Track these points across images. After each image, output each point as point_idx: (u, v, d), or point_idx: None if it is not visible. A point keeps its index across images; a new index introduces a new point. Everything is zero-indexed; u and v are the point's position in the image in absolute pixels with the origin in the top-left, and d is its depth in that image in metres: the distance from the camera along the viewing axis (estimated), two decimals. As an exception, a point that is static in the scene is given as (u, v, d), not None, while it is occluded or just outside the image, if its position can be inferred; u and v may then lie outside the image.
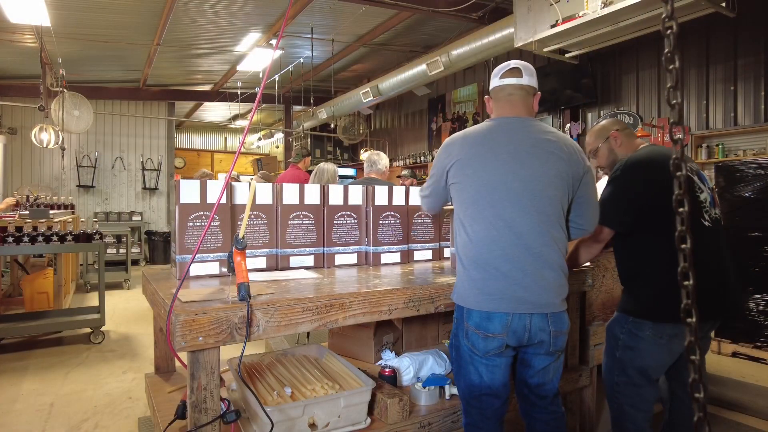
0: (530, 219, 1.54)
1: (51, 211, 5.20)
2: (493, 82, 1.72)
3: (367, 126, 10.65)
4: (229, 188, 1.94)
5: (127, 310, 5.39)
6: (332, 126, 9.60)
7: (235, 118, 12.37)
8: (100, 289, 4.13)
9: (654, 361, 1.79)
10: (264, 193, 2.03)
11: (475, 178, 1.59)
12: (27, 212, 4.84)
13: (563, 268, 1.59)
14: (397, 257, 2.32)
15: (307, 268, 2.10)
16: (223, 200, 1.89)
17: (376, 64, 8.75)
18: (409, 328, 2.49)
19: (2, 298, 4.79)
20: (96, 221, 8.81)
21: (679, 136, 0.71)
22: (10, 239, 3.74)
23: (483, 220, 1.57)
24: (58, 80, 5.93)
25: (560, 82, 6.47)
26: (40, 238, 3.86)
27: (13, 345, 4.01)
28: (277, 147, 13.71)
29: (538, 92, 1.71)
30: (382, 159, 3.90)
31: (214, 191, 1.88)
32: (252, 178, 7.21)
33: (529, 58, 5.73)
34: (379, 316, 1.68)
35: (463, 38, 6.22)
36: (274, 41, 6.70)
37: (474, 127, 1.69)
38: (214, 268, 1.88)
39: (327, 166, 4.19)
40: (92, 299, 5.45)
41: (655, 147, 1.92)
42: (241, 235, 1.40)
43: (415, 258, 2.40)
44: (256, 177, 6.05)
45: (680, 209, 0.71)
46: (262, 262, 2.03)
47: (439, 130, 9.18)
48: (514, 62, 1.70)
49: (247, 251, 1.51)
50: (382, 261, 2.27)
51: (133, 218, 9.37)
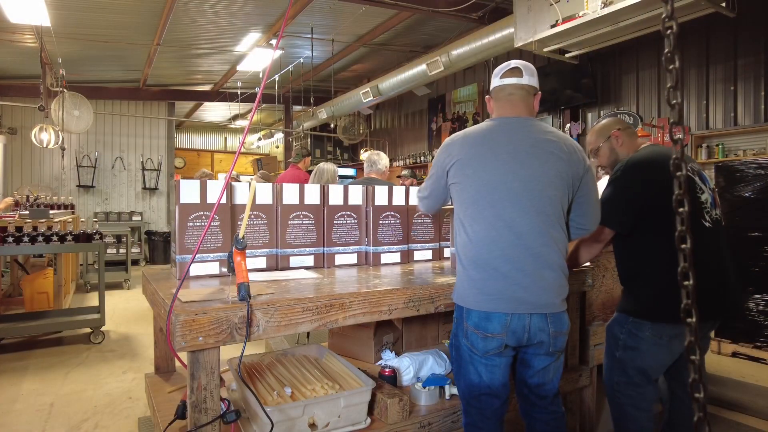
0: (530, 219, 1.54)
1: (51, 211, 5.20)
2: (494, 81, 1.72)
3: (367, 126, 10.66)
4: (229, 188, 1.94)
5: (127, 310, 5.39)
6: (332, 126, 9.60)
7: (235, 118, 12.37)
8: (100, 289, 4.14)
9: (654, 361, 1.79)
10: (264, 193, 2.03)
11: (475, 179, 1.59)
12: (27, 212, 4.84)
13: (563, 269, 1.59)
14: (397, 257, 2.32)
15: (307, 268, 2.10)
16: (223, 200, 1.90)
17: (376, 64, 8.75)
18: (409, 328, 2.49)
19: (2, 298, 4.79)
20: (96, 221, 8.81)
21: (679, 136, 0.71)
22: (10, 239, 3.75)
23: (483, 221, 1.57)
24: (58, 80, 5.93)
25: (560, 82, 6.47)
26: (40, 238, 3.86)
27: (13, 345, 4.01)
28: (277, 147, 13.71)
29: (539, 92, 1.71)
30: (382, 159, 3.90)
31: (214, 191, 1.88)
32: (252, 178, 7.22)
33: (529, 58, 5.73)
34: (379, 316, 1.68)
35: (463, 38, 6.22)
36: (274, 41, 6.70)
37: (474, 127, 1.69)
38: (214, 268, 1.88)
39: (327, 166, 4.19)
40: (92, 299, 5.45)
41: (657, 147, 1.91)
42: (241, 235, 1.40)
43: (415, 258, 2.40)
44: (256, 177, 6.06)
45: (680, 209, 0.71)
46: (262, 262, 2.03)
47: (439, 130, 9.18)
48: (514, 62, 1.70)
49: (247, 251, 1.51)
50: (382, 261, 2.27)
51: (133, 218, 9.38)
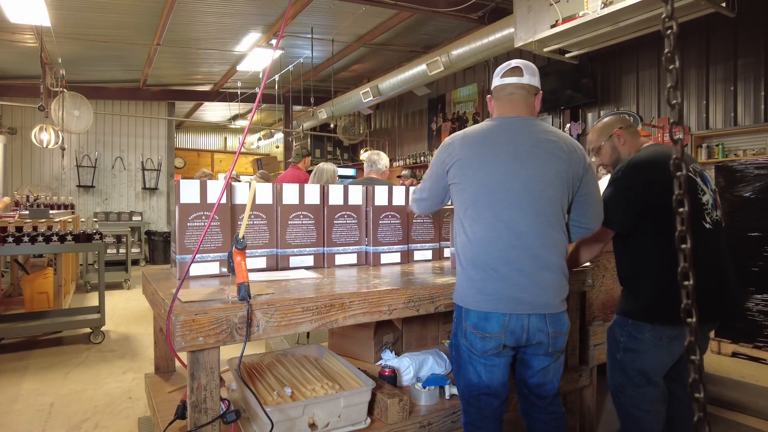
0: (529, 220, 1.54)
1: (51, 211, 5.20)
2: (495, 81, 1.71)
3: (367, 126, 10.65)
4: (229, 188, 1.94)
5: (127, 310, 5.39)
6: (332, 126, 9.59)
7: (235, 118, 12.37)
8: (100, 289, 4.13)
9: (654, 362, 1.79)
10: (264, 193, 2.03)
11: (475, 179, 1.59)
12: (27, 212, 4.84)
13: (563, 269, 1.59)
14: (397, 257, 2.32)
15: (307, 268, 2.10)
16: (223, 200, 1.89)
17: (376, 64, 8.75)
18: (409, 328, 2.49)
19: (2, 298, 4.79)
20: (96, 221, 8.81)
21: (679, 136, 0.71)
22: (10, 239, 3.74)
23: (482, 221, 1.57)
24: (58, 80, 5.93)
25: (560, 82, 6.47)
26: (40, 238, 3.86)
27: (13, 345, 4.01)
28: (277, 147, 13.71)
29: (540, 91, 1.70)
30: (382, 159, 3.90)
31: (214, 191, 1.88)
32: (252, 178, 7.22)
33: (529, 58, 5.72)
34: (379, 316, 1.68)
35: (463, 38, 6.22)
36: (274, 41, 6.70)
37: (474, 127, 1.68)
38: (214, 268, 1.88)
39: (326, 166, 4.18)
40: (92, 299, 5.45)
41: (658, 147, 1.89)
42: (241, 235, 1.40)
43: (415, 258, 2.40)
44: (255, 177, 6.06)
45: (680, 209, 0.71)
46: (262, 262, 2.03)
47: (439, 130, 9.18)
48: (515, 61, 1.70)
49: (247, 251, 1.51)
50: (382, 261, 2.27)
51: (133, 218, 9.37)
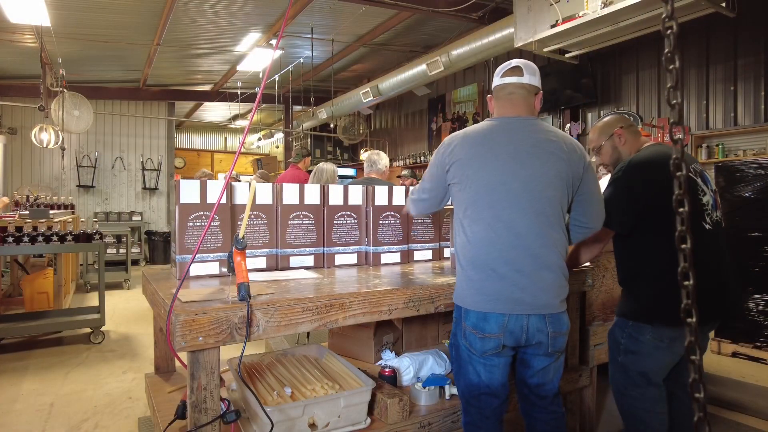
0: (529, 220, 1.53)
1: (51, 211, 5.20)
2: (495, 80, 1.71)
3: (367, 126, 10.65)
4: (229, 188, 1.94)
5: (127, 310, 5.39)
6: (332, 126, 9.59)
7: (235, 118, 12.37)
8: (100, 289, 4.13)
9: (655, 364, 1.78)
10: (264, 193, 2.03)
11: (475, 179, 1.58)
12: (27, 212, 4.84)
13: (562, 269, 1.59)
14: (397, 257, 2.32)
15: (307, 268, 2.10)
16: (223, 200, 1.89)
17: (376, 64, 8.75)
18: (409, 328, 2.49)
19: (2, 298, 4.79)
20: (96, 221, 8.81)
21: (679, 136, 0.71)
22: (10, 239, 3.74)
23: (481, 221, 1.56)
24: (58, 80, 5.93)
25: (560, 82, 6.47)
26: (40, 238, 3.86)
27: (13, 345, 4.01)
28: (277, 147, 13.71)
29: (541, 91, 1.69)
30: (382, 159, 3.90)
31: (214, 191, 1.88)
32: (252, 178, 7.22)
33: (529, 58, 5.70)
34: (379, 316, 1.68)
35: (463, 38, 6.22)
36: (274, 41, 6.70)
37: (474, 127, 1.68)
38: (214, 268, 1.88)
39: (326, 166, 4.18)
40: (92, 299, 5.45)
41: (659, 147, 1.88)
42: (241, 235, 1.40)
43: (415, 258, 2.40)
44: (255, 176, 6.07)
45: (680, 209, 0.71)
46: (262, 262, 2.03)
47: (439, 130, 9.18)
48: (516, 61, 1.69)
49: (247, 251, 1.51)
50: (382, 261, 2.27)
51: (133, 218, 9.37)
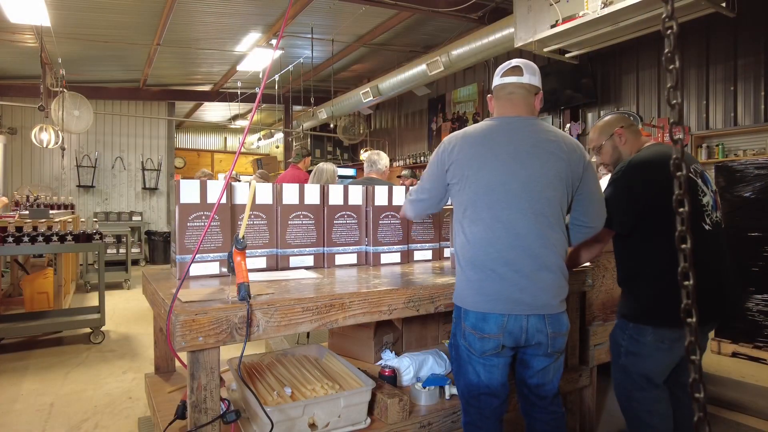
0: (528, 220, 1.53)
1: (51, 211, 5.20)
2: (495, 80, 1.71)
3: (367, 126, 10.65)
4: (229, 188, 1.94)
5: (127, 310, 5.39)
6: (332, 126, 9.59)
7: (235, 118, 12.37)
8: (100, 289, 4.13)
9: (657, 365, 1.78)
10: (264, 193, 2.03)
11: (474, 179, 1.58)
12: (27, 212, 4.84)
13: (562, 270, 1.59)
14: (397, 257, 2.32)
15: (307, 268, 2.10)
16: (223, 200, 1.89)
17: (376, 64, 8.75)
18: (409, 328, 2.49)
19: (2, 298, 4.79)
20: (96, 221, 8.81)
21: (679, 136, 0.71)
22: (10, 239, 3.74)
23: (480, 222, 1.56)
24: (58, 80, 5.93)
25: (560, 82, 6.47)
26: (40, 238, 3.86)
27: (13, 345, 4.01)
28: (277, 147, 13.71)
29: (541, 91, 1.69)
30: (382, 159, 3.90)
31: (214, 191, 1.88)
32: (251, 178, 7.22)
33: (529, 58, 5.67)
34: (379, 316, 1.68)
35: (463, 38, 6.22)
36: (274, 41, 6.70)
37: (474, 126, 1.67)
38: (214, 268, 1.88)
39: (326, 166, 4.18)
40: (92, 299, 5.45)
41: (659, 146, 1.88)
42: (241, 235, 1.40)
43: (415, 258, 2.40)
44: (255, 176, 6.06)
45: (680, 209, 0.71)
46: (262, 262, 2.03)
47: (439, 130, 9.18)
48: (516, 61, 1.69)
49: (247, 251, 1.51)
50: (382, 261, 2.27)
51: (133, 218, 9.37)
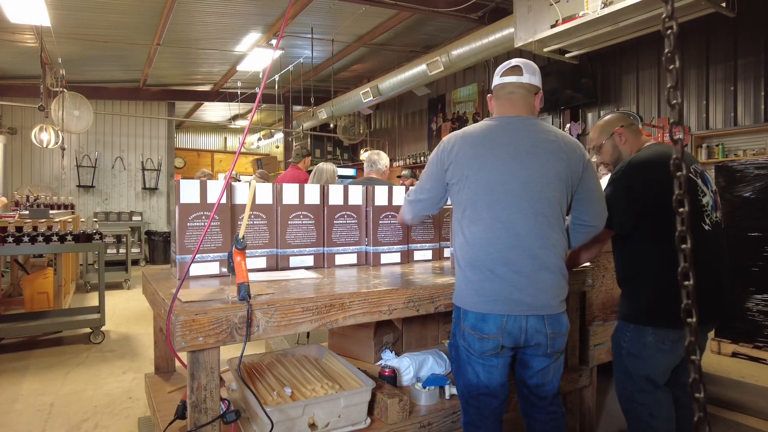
0: (528, 221, 1.53)
1: (51, 211, 5.20)
2: (495, 80, 1.70)
3: (367, 126, 10.65)
4: (229, 188, 1.94)
5: (127, 310, 5.39)
6: (332, 126, 9.59)
7: (235, 118, 12.37)
8: (100, 289, 4.13)
9: (658, 366, 1.78)
10: (264, 193, 2.03)
11: (474, 179, 1.58)
12: (27, 212, 4.84)
13: (562, 270, 1.59)
14: (397, 257, 2.32)
15: (307, 268, 2.10)
16: (223, 200, 1.89)
17: (376, 64, 8.75)
18: (409, 328, 2.49)
19: (2, 298, 4.79)
20: (96, 221, 8.81)
21: (679, 136, 0.71)
22: (10, 239, 3.74)
23: (480, 222, 1.56)
24: (58, 80, 5.93)
25: (560, 82, 6.47)
26: (40, 238, 3.86)
27: (13, 345, 4.01)
28: (277, 147, 13.71)
29: (541, 90, 1.68)
30: (382, 159, 3.90)
31: (214, 191, 1.88)
32: (251, 178, 7.22)
33: (529, 58, 5.65)
34: (379, 316, 1.68)
35: (463, 38, 6.21)
36: (274, 41, 6.70)
37: (473, 126, 1.67)
38: (214, 268, 1.88)
39: (326, 166, 4.18)
40: (92, 299, 5.45)
41: (659, 146, 1.88)
42: (241, 235, 1.40)
43: (415, 258, 2.40)
44: (255, 176, 6.07)
45: (680, 209, 0.71)
46: (262, 262, 2.03)
47: (439, 130, 9.18)
48: (516, 60, 1.69)
49: (247, 251, 1.51)
50: (382, 261, 2.27)
51: (133, 218, 9.37)
